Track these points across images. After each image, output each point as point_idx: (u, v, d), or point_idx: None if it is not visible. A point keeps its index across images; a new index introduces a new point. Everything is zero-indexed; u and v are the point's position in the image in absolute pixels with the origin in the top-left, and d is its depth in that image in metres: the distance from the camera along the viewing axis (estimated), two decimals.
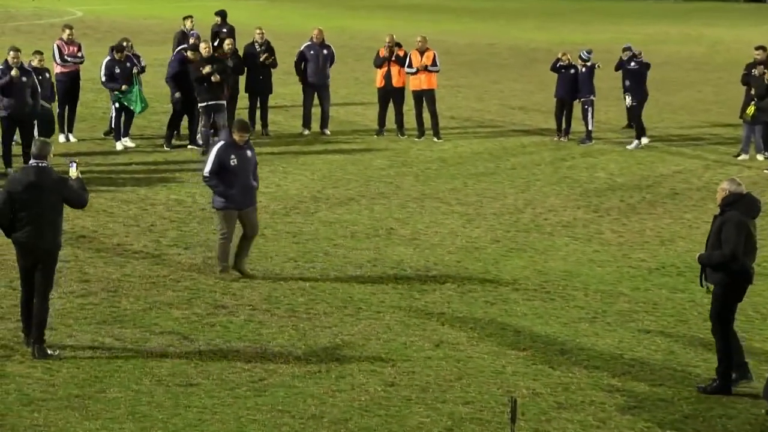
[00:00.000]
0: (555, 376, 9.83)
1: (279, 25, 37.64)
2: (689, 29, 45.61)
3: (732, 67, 28.95)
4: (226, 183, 12.08)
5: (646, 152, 19.93)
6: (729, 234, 9.38)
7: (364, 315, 11.35)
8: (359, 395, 9.31)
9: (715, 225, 9.61)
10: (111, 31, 35.61)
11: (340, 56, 25.11)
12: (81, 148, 19.19)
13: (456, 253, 13.69)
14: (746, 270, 9.42)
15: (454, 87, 27.36)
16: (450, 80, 27.65)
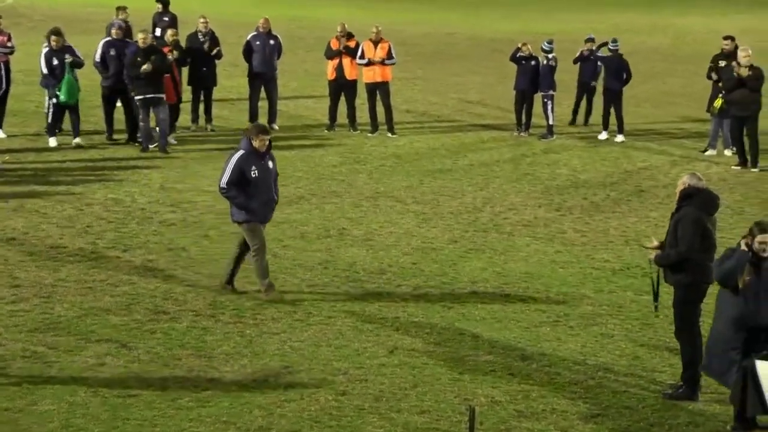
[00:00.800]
0: (515, 383, 9.88)
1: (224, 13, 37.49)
2: (658, 19, 46.07)
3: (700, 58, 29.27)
4: (247, 196, 11.57)
5: (609, 148, 20.10)
6: (685, 231, 9.50)
7: (315, 320, 11.35)
8: (309, 405, 9.30)
9: (671, 222, 9.72)
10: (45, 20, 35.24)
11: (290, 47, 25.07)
12: (12, 144, 18.99)
13: (411, 255, 13.72)
14: (705, 268, 9.54)
15: (410, 79, 27.42)
16: (406, 72, 27.70)
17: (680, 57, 33.01)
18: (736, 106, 18.12)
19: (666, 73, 29.28)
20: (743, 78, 17.92)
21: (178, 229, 14.54)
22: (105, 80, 19.24)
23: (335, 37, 20.82)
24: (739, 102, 18.08)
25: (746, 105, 18.02)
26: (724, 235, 14.52)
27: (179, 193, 16.39)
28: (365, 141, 20.38)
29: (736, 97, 18.10)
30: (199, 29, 20.58)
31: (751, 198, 16.74)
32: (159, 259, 13.18)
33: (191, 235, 14.31)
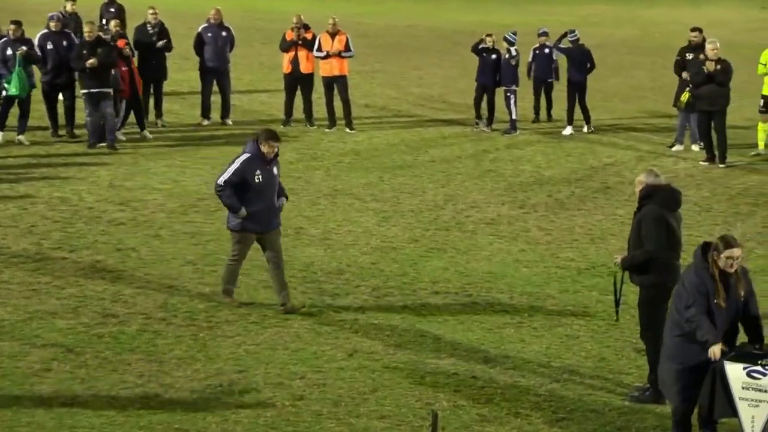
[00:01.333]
0: (478, 386, 9.93)
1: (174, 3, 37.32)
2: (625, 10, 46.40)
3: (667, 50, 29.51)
4: (248, 202, 11.38)
5: (575, 143, 20.24)
6: (648, 230, 9.57)
7: (271, 323, 11.34)
8: (265, 411, 9.30)
9: (634, 222, 9.80)
10: None
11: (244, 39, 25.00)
12: None
13: (371, 254, 13.75)
14: (671, 267, 9.63)
15: (369, 73, 27.44)
16: (364, 65, 27.71)
17: (648, 49, 33.27)
18: (704, 100, 18.30)
19: (633, 67, 29.51)
20: (711, 72, 18.11)
21: (127, 229, 14.47)
22: (44, 75, 19.09)
23: (291, 29, 20.79)
24: (707, 97, 18.26)
25: (714, 100, 18.21)
26: (691, 232, 14.69)
27: (128, 191, 16.32)
28: (322, 137, 20.38)
29: (704, 91, 18.28)
30: (148, 20, 20.49)
31: (718, 194, 16.93)
32: (107, 260, 13.12)
33: (141, 234, 14.25)
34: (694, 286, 8.45)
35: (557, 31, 22.36)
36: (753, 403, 8.23)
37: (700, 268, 8.49)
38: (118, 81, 18.75)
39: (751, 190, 17.21)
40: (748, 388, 8.23)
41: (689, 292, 8.43)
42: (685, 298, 8.44)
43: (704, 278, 8.46)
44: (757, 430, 8.26)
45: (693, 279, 8.49)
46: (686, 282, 8.50)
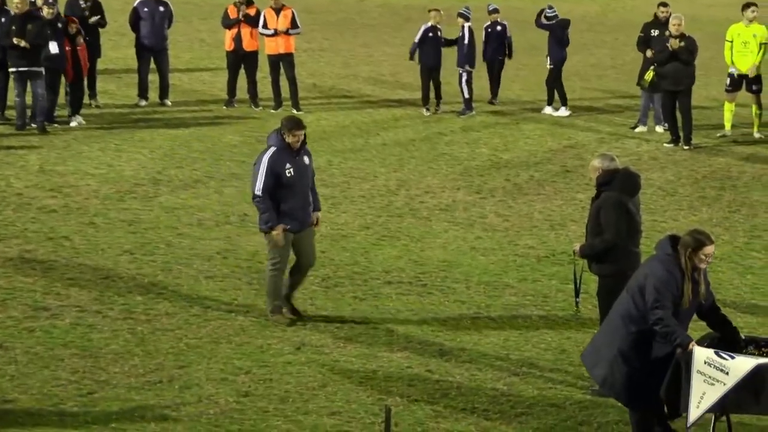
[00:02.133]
0: (433, 380, 9.96)
1: None
2: None
3: (629, 27, 29.68)
4: (281, 199, 10.90)
5: (533, 125, 20.34)
6: (609, 217, 9.63)
7: (213, 315, 11.31)
8: (208, 408, 9.28)
9: (592, 209, 9.85)
10: None
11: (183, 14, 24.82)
12: None
13: (320, 242, 13.72)
14: (631, 255, 9.70)
15: (317, 51, 27.38)
16: (312, 43, 27.65)
17: (609, 26, 33.46)
18: (668, 79, 18.42)
19: (594, 44, 29.67)
20: (675, 50, 18.24)
21: (59, 217, 14.35)
22: None
23: (233, 4, 20.69)
24: (671, 75, 18.39)
25: (679, 78, 18.34)
26: (656, 217, 14.84)
27: (60, 177, 16.18)
28: (268, 118, 20.31)
29: (668, 70, 18.41)
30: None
31: (683, 178, 17.08)
32: (38, 250, 13.00)
33: (74, 222, 14.14)
34: (665, 283, 8.41)
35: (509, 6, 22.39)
36: (709, 380, 8.28)
37: (671, 264, 8.47)
38: (62, 61, 18.53)
39: (718, 173, 17.39)
40: (710, 365, 8.28)
41: (658, 289, 8.38)
42: (652, 296, 8.40)
43: (675, 275, 8.44)
44: (702, 407, 8.30)
45: (664, 275, 8.43)
46: (654, 278, 8.44)
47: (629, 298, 8.61)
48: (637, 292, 8.55)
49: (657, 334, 8.44)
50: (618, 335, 8.60)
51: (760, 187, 16.58)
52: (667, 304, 8.38)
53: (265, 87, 20.97)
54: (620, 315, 8.64)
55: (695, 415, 8.32)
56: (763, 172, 17.35)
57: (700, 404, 8.31)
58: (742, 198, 16.05)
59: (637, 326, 8.51)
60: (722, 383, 8.26)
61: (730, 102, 19.39)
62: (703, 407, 8.31)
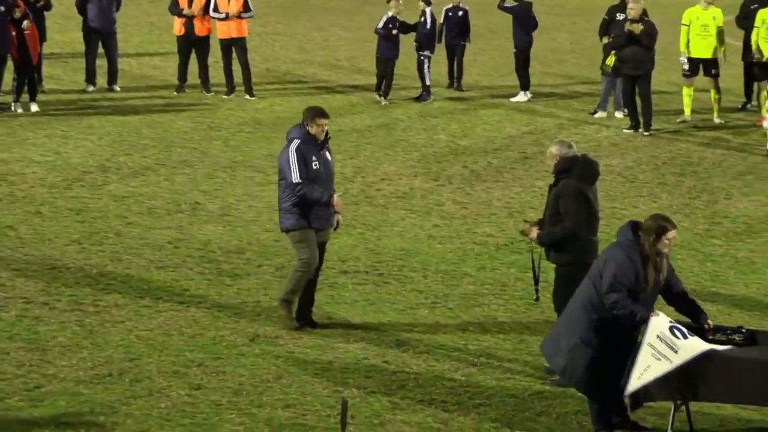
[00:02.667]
0: (390, 372, 9.98)
1: None
2: None
3: (588, 11, 29.83)
4: None
5: (492, 110, 20.39)
6: (568, 205, 9.68)
7: (165, 306, 11.26)
8: (159, 402, 9.24)
9: (550, 197, 9.89)
10: None
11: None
12: None
13: (274, 231, 13.69)
14: (590, 244, 9.75)
15: (271, 35, 27.29)
16: (265, 27, 27.55)
17: (568, 9, 33.57)
18: (628, 64, 18.51)
19: (553, 28, 29.76)
20: (635, 34, 18.32)
21: (4, 206, 14.23)
22: None
23: None
24: (630, 60, 18.48)
25: (638, 63, 18.43)
26: (615, 204, 14.93)
27: (5, 165, 16.04)
28: (220, 104, 20.23)
29: (627, 54, 18.49)
30: None
31: (644, 164, 17.19)
32: None
33: (20, 211, 14.02)
34: (624, 268, 8.50)
35: None
36: (656, 355, 8.42)
37: (633, 251, 8.55)
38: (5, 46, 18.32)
39: (678, 159, 17.51)
40: (662, 340, 8.41)
41: (616, 275, 8.47)
42: (609, 280, 8.48)
43: (636, 261, 8.53)
44: (643, 379, 8.42)
45: (624, 261, 8.52)
46: (614, 263, 8.53)
47: (590, 285, 8.68)
48: (598, 279, 8.62)
49: (617, 319, 8.51)
50: (579, 324, 8.65)
51: (720, 173, 16.73)
52: (623, 288, 8.47)
53: (217, 72, 20.87)
54: (581, 303, 8.70)
55: (634, 386, 8.43)
56: (723, 158, 17.50)
57: (642, 376, 8.43)
58: (703, 184, 16.18)
59: (599, 314, 8.58)
60: (669, 360, 8.39)
61: (689, 87, 19.52)
62: (644, 380, 8.42)
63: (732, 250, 13.39)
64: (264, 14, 27.57)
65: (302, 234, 10.67)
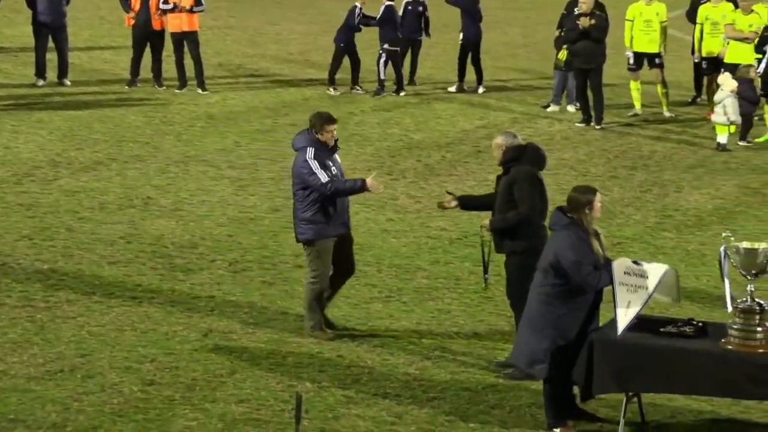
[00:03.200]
0: (344, 366, 9.98)
1: None
2: None
3: (541, 5, 29.96)
4: (322, 202, 10.35)
5: (445, 104, 20.42)
6: (522, 191, 9.76)
7: (117, 302, 11.20)
8: (111, 398, 9.19)
9: (501, 185, 9.95)
10: None
11: None
12: None
13: (227, 226, 13.67)
14: (542, 231, 9.82)
15: (223, 28, 27.19)
16: (217, 20, 27.44)
17: (521, 3, 33.70)
18: (579, 58, 18.60)
19: (506, 22, 29.87)
20: (586, 28, 18.41)
21: None
22: None
23: None
24: (582, 53, 18.57)
25: (590, 57, 18.52)
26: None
27: None
28: (172, 98, 20.13)
29: (579, 48, 18.58)
30: None
31: (595, 157, 17.29)
32: None
33: None
34: (580, 251, 8.67)
35: None
36: (632, 289, 8.65)
37: (575, 229, 8.72)
38: None
39: (629, 152, 17.62)
40: (630, 274, 8.65)
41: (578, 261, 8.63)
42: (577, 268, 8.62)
43: (583, 238, 8.72)
44: (630, 314, 8.64)
45: (576, 243, 8.69)
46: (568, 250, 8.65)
47: (542, 278, 8.76)
48: (551, 271, 8.70)
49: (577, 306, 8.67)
50: (542, 320, 8.74)
51: (671, 166, 16.85)
52: (591, 268, 8.66)
53: (170, 66, 20.76)
54: (538, 300, 8.79)
55: (624, 323, 8.65)
56: (673, 152, 17.63)
57: (628, 312, 8.65)
58: (654, 177, 16.30)
59: (557, 305, 8.69)
60: (644, 288, 8.62)
61: (635, 81, 19.66)
62: (630, 314, 8.64)
63: (683, 243, 13.50)
64: (215, 8, 27.46)
65: (320, 245, 10.41)
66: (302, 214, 10.45)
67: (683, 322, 8.90)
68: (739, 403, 9.30)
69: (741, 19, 18.65)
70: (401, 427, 8.95)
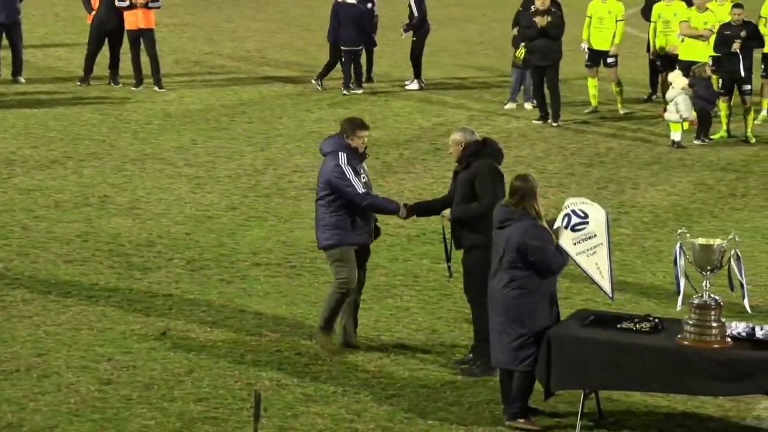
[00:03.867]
0: (303, 364, 9.98)
1: None
2: None
3: (498, 3, 30.06)
4: (350, 208, 10.08)
5: (402, 102, 20.44)
6: (485, 184, 9.82)
7: (73, 301, 11.14)
8: (68, 397, 9.14)
9: (460, 180, 9.98)
10: None
11: None
12: None
13: (184, 224, 13.62)
14: None
15: (179, 26, 27.08)
16: (173, 18, 27.33)
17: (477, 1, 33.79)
18: (536, 55, 18.67)
19: (463, 20, 29.92)
20: (543, 26, 18.48)
21: None
22: None
23: None
24: (538, 51, 18.64)
25: (546, 54, 18.59)
26: None
27: None
28: (129, 96, 20.03)
29: (536, 45, 18.65)
30: None
31: (552, 155, 17.37)
32: None
33: None
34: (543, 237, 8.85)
35: None
36: (590, 252, 8.85)
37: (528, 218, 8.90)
38: None
39: (586, 149, 17.72)
40: (579, 242, 8.85)
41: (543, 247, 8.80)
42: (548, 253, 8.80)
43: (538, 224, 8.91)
44: (605, 274, 8.88)
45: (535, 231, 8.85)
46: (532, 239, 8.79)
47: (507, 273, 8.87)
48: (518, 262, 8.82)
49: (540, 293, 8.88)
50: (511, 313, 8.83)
51: (627, 163, 16.96)
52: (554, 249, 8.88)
53: (126, 64, 20.65)
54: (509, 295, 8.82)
55: (607, 285, 8.95)
56: (629, 149, 17.75)
57: (602, 273, 8.90)
58: (610, 174, 16.40)
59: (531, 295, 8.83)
60: (600, 244, 8.85)
61: (593, 78, 19.77)
62: (606, 274, 8.89)
63: (639, 239, 13.60)
64: (172, 5, 27.34)
65: (342, 253, 10.13)
66: (327, 220, 10.15)
67: (640, 318, 8.97)
68: (694, 399, 9.39)
69: (696, 17, 18.80)
70: (360, 424, 8.96)
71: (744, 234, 12.90)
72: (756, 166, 16.83)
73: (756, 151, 17.50)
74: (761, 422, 9.18)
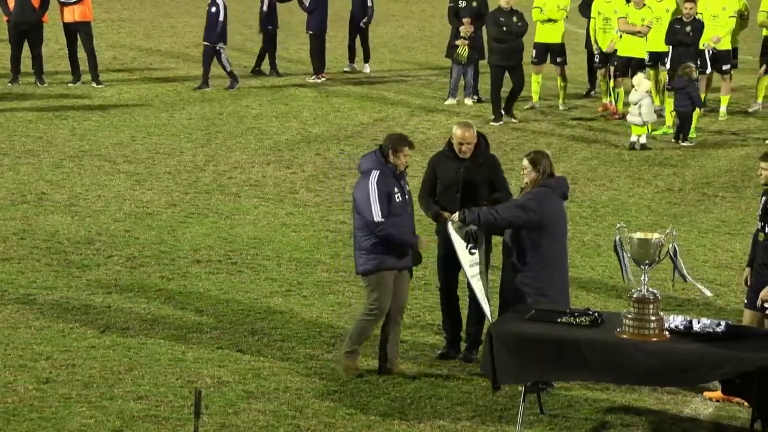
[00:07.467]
0: (244, 361, 9.96)
1: None
2: None
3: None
4: None
5: (343, 98, 20.45)
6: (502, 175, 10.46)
7: (11, 299, 11.05)
8: (5, 396, 9.07)
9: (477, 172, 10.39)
10: None
11: None
12: None
13: (124, 221, 13.54)
14: None
15: (116, 21, 26.88)
16: (110, 12, 27.12)
17: None
18: (500, 55, 18.61)
19: (402, 16, 29.98)
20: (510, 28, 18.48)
21: None
22: None
23: None
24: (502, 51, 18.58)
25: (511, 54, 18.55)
26: None
27: None
28: (66, 92, 19.84)
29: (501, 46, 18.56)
30: None
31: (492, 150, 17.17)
32: None
33: None
34: None
35: None
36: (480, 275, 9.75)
37: None
38: None
39: (525, 145, 17.75)
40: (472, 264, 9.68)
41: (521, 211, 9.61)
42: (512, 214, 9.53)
43: None
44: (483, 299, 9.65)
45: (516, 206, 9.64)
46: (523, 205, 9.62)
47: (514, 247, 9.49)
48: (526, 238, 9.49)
49: None
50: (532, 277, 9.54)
51: (566, 158, 17.08)
52: None
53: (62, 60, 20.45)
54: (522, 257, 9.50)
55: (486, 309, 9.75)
56: (568, 144, 17.87)
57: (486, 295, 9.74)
58: None
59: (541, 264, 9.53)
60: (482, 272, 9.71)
61: (537, 74, 19.86)
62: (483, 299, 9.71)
63: (578, 234, 13.70)
64: (109, 0, 27.13)
65: (379, 278, 9.62)
66: (363, 243, 9.64)
67: (579, 311, 9.04)
68: (633, 391, 9.50)
69: (634, 13, 18.95)
70: (302, 420, 8.96)
71: (681, 228, 13.05)
72: (693, 161, 17.02)
73: (692, 147, 17.69)
74: (698, 414, 9.31)
